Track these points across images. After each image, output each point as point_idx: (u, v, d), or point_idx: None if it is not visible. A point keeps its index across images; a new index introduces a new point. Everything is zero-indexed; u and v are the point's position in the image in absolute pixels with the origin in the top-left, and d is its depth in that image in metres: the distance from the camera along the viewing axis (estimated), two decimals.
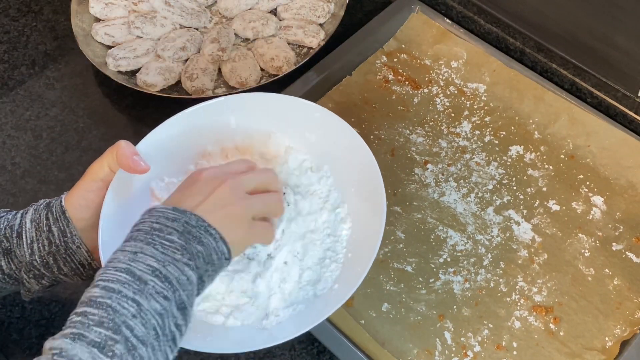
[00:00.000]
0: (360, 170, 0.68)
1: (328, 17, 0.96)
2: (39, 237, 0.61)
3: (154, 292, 0.49)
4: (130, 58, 0.92)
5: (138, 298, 0.48)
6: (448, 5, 0.95)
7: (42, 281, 0.63)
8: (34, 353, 0.74)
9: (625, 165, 0.81)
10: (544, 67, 0.89)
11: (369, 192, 0.66)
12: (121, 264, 0.50)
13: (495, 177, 0.82)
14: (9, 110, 0.93)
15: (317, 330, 0.71)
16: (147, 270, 0.50)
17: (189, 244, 0.52)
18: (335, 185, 0.70)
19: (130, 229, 0.55)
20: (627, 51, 0.80)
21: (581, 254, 0.76)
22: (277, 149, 0.70)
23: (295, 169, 0.70)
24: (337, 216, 0.68)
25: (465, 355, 0.70)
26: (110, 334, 0.46)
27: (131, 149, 0.61)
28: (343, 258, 0.66)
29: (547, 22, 0.86)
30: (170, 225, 0.53)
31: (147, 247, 0.51)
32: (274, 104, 0.70)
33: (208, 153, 0.70)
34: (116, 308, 0.47)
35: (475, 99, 0.88)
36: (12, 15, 1.04)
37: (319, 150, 0.70)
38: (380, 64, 0.91)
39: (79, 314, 0.48)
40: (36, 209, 0.62)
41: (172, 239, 0.52)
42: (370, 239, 0.63)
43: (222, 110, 0.69)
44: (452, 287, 0.74)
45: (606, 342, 0.70)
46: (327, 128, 0.69)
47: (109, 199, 0.62)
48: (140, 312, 0.48)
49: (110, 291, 0.48)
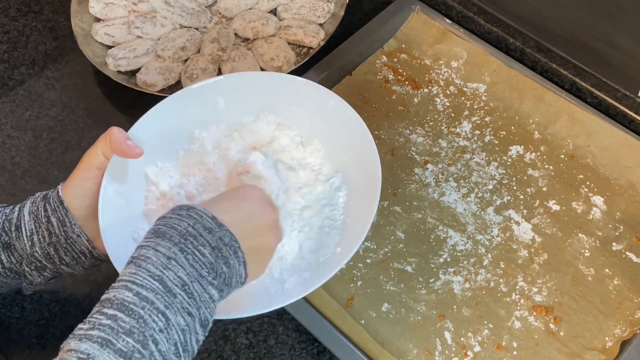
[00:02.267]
0: (351, 137, 0.68)
1: (328, 17, 0.96)
2: (38, 228, 0.61)
3: (181, 307, 0.49)
4: (130, 58, 0.92)
5: (167, 312, 0.48)
6: (448, 5, 0.95)
7: (44, 273, 0.63)
8: (34, 353, 0.74)
9: (625, 165, 0.81)
10: (544, 67, 0.89)
11: (362, 157, 0.67)
12: (155, 270, 0.49)
13: (496, 177, 0.81)
14: (9, 110, 0.93)
15: (317, 330, 0.71)
16: (177, 283, 0.49)
17: (217, 262, 0.52)
18: (328, 156, 0.71)
19: (160, 219, 0.53)
20: (627, 51, 0.80)
21: (581, 254, 0.76)
22: (267, 126, 0.71)
23: (287, 145, 0.71)
24: (332, 186, 0.69)
25: (465, 355, 0.70)
26: (139, 347, 0.46)
27: (123, 134, 0.61)
28: (342, 224, 0.67)
29: (547, 22, 0.86)
30: (205, 235, 0.52)
31: (180, 254, 0.50)
32: (260, 82, 0.71)
33: (196, 137, 0.70)
34: (147, 320, 0.47)
35: (476, 99, 0.88)
36: (12, 15, 1.04)
37: (308, 123, 0.71)
38: (380, 64, 0.91)
39: (110, 317, 0.46)
40: (33, 201, 0.62)
41: (203, 252, 0.51)
42: (368, 200, 0.64)
43: (209, 92, 0.70)
44: (452, 287, 0.74)
45: (606, 342, 0.70)
46: (315, 101, 0.70)
47: (105, 185, 0.62)
48: (167, 327, 0.47)
49: (144, 300, 0.47)
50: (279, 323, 0.75)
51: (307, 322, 0.72)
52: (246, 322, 0.75)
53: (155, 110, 0.68)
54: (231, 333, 0.75)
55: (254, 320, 0.75)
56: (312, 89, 0.70)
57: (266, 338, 0.74)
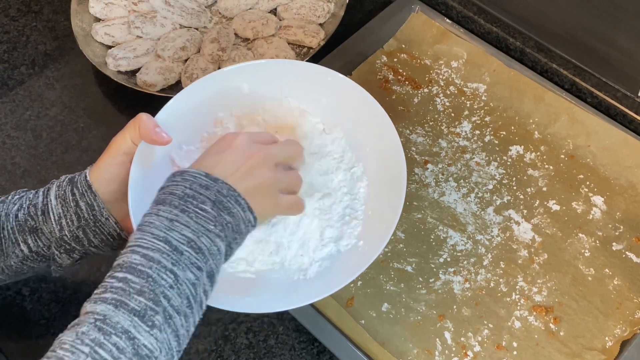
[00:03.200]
0: (374, 129, 0.69)
1: (328, 17, 0.96)
2: (66, 212, 0.62)
3: (189, 262, 0.51)
4: (130, 58, 0.92)
5: (175, 269, 0.50)
6: (448, 5, 0.95)
7: (73, 255, 0.64)
8: (34, 353, 0.74)
9: (625, 165, 0.81)
10: (544, 67, 0.89)
11: (385, 150, 0.68)
12: (159, 232, 0.51)
13: (496, 177, 0.81)
14: (9, 110, 0.93)
15: (317, 330, 0.71)
16: (183, 241, 0.51)
17: (220, 214, 0.54)
18: (349, 145, 0.71)
19: (160, 190, 0.56)
20: (627, 51, 0.80)
21: (581, 254, 0.76)
22: (290, 112, 0.72)
23: (309, 132, 0.71)
24: (353, 175, 0.70)
25: (465, 355, 0.70)
26: (151, 304, 0.48)
27: (152, 121, 0.63)
28: (363, 215, 0.68)
29: (547, 22, 0.86)
30: (203, 193, 0.54)
31: (182, 215, 0.52)
32: (285, 69, 0.72)
33: (220, 120, 0.71)
34: (156, 279, 0.49)
35: (476, 99, 0.88)
36: (12, 15, 1.04)
37: (331, 112, 0.72)
38: (380, 64, 0.91)
39: (120, 280, 0.49)
40: (59, 185, 0.63)
41: (205, 208, 0.53)
42: (392, 196, 0.65)
43: (234, 77, 0.70)
44: (452, 287, 0.74)
45: (606, 342, 0.70)
46: (339, 91, 0.71)
47: (134, 170, 0.63)
48: (176, 283, 0.50)
49: (151, 260, 0.50)
50: (279, 323, 0.75)
51: (307, 322, 0.72)
52: (246, 322, 0.75)
53: (181, 95, 0.68)
54: (231, 333, 0.75)
55: (254, 320, 0.75)
56: (336, 78, 0.70)
57: (266, 338, 0.74)
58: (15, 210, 0.63)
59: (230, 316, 0.75)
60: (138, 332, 0.47)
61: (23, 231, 0.62)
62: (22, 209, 0.63)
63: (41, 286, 0.78)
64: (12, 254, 0.63)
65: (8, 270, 0.64)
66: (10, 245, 0.63)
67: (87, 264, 0.80)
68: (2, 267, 0.64)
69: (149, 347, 0.47)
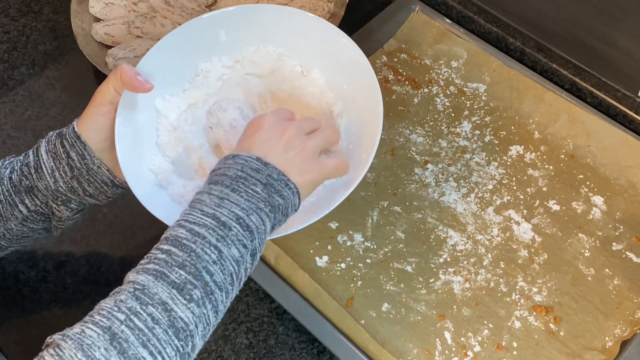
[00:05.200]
0: (350, 67, 0.71)
1: (328, 17, 0.96)
2: (58, 165, 0.63)
3: (236, 239, 0.52)
4: (130, 58, 0.92)
5: (220, 245, 0.51)
6: (448, 5, 0.95)
7: (71, 205, 0.65)
8: (34, 353, 0.74)
9: (625, 165, 0.81)
10: (544, 67, 0.89)
11: (362, 86, 0.69)
12: (207, 209, 0.53)
13: (496, 177, 0.82)
14: (9, 110, 0.93)
15: (317, 330, 0.71)
16: (232, 217, 0.52)
17: (271, 196, 0.55)
18: (328, 85, 0.73)
19: (212, 172, 0.57)
20: (627, 51, 0.80)
21: (581, 254, 0.76)
22: (268, 56, 0.74)
23: (287, 75, 0.73)
24: (333, 113, 0.72)
25: (465, 355, 0.70)
26: (191, 279, 0.49)
27: (133, 70, 0.64)
28: (345, 149, 0.70)
29: (547, 22, 0.86)
30: (254, 175, 0.55)
31: (232, 194, 0.54)
32: (260, 14, 0.73)
33: (200, 69, 0.73)
34: (199, 253, 0.50)
35: (476, 99, 0.88)
36: (12, 15, 1.04)
37: (308, 54, 0.73)
38: (380, 64, 0.91)
39: (164, 252, 0.50)
40: (48, 140, 0.65)
41: (256, 189, 0.55)
42: (370, 127, 0.67)
43: (210, 25, 0.72)
44: (452, 287, 0.74)
45: (606, 342, 0.70)
46: (314, 32, 0.72)
47: (119, 119, 0.65)
48: (220, 259, 0.51)
49: (196, 235, 0.51)
50: (279, 323, 0.75)
51: (307, 322, 0.72)
52: (246, 322, 0.75)
53: (160, 45, 0.70)
54: (231, 333, 0.75)
55: (254, 320, 0.75)
56: (310, 20, 0.72)
57: (266, 338, 0.74)
58: (8, 174, 0.64)
59: (230, 316, 0.75)
60: (175, 304, 0.48)
61: (19, 192, 0.64)
62: (15, 171, 0.64)
63: (41, 286, 0.78)
64: (11, 217, 0.64)
65: (9, 233, 0.66)
66: (8, 208, 0.64)
67: (87, 264, 0.80)
68: (3, 232, 0.65)
69: (185, 319, 0.48)
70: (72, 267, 0.80)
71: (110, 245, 0.81)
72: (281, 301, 0.73)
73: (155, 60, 0.69)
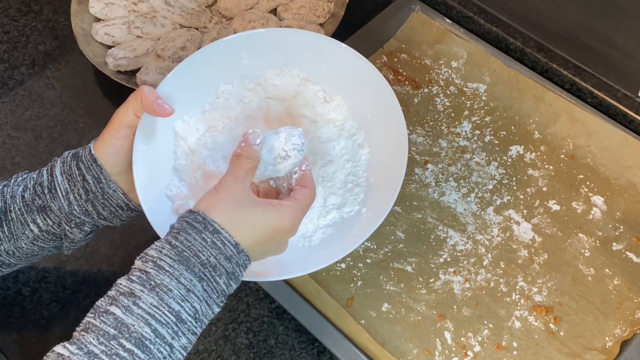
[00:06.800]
0: (374, 97, 0.70)
1: (328, 17, 0.96)
2: (73, 187, 0.62)
3: (187, 330, 0.53)
4: (130, 58, 0.92)
5: (174, 342, 0.52)
6: (448, 5, 0.95)
7: (84, 228, 0.64)
8: (34, 353, 0.74)
9: (625, 165, 0.81)
10: (544, 67, 0.89)
11: (387, 118, 0.68)
12: (174, 304, 0.52)
13: (496, 177, 0.82)
14: (9, 110, 0.93)
15: (317, 330, 0.71)
16: (191, 313, 0.53)
17: (229, 286, 0.56)
18: (351, 113, 0.72)
19: (188, 236, 0.54)
20: (627, 51, 0.80)
21: (581, 254, 0.76)
22: (291, 81, 0.72)
23: (310, 100, 0.72)
24: (355, 142, 0.71)
25: (465, 355, 0.70)
26: None
27: (154, 93, 0.62)
28: (365, 182, 0.69)
29: (547, 22, 0.86)
30: (224, 265, 0.55)
31: (198, 284, 0.53)
32: (284, 38, 0.71)
33: (221, 91, 0.72)
34: (155, 354, 0.51)
35: (476, 99, 0.88)
36: (12, 15, 1.04)
37: (331, 80, 0.72)
38: (380, 64, 0.91)
39: (127, 351, 0.50)
40: (63, 161, 0.64)
41: (218, 281, 0.54)
42: (395, 163, 0.66)
43: (234, 48, 0.70)
44: (452, 287, 0.74)
45: (606, 342, 0.70)
46: (339, 58, 0.71)
47: (137, 142, 0.63)
48: (170, 354, 0.52)
49: (158, 337, 0.51)
50: (279, 323, 0.75)
51: (307, 322, 0.72)
52: (246, 322, 0.75)
53: (182, 67, 0.68)
54: (231, 333, 0.75)
55: (254, 320, 0.75)
56: (336, 47, 0.71)
57: (266, 338, 0.74)
58: (20, 192, 0.63)
59: (230, 316, 0.75)
60: None
61: (31, 211, 0.63)
62: (28, 189, 0.63)
63: (41, 286, 0.78)
64: (22, 235, 0.63)
65: (19, 252, 0.65)
66: (19, 226, 0.63)
67: (87, 264, 0.80)
68: (13, 250, 0.64)
69: None
70: (72, 267, 0.80)
71: (110, 245, 0.81)
72: (281, 301, 0.73)
73: (176, 82, 0.67)
